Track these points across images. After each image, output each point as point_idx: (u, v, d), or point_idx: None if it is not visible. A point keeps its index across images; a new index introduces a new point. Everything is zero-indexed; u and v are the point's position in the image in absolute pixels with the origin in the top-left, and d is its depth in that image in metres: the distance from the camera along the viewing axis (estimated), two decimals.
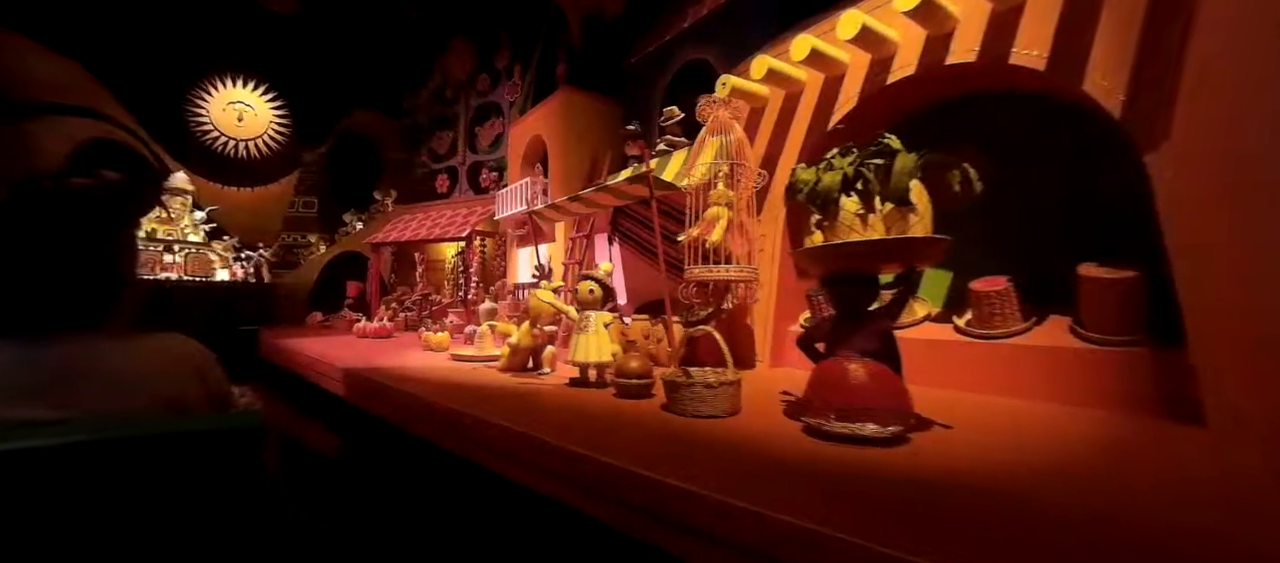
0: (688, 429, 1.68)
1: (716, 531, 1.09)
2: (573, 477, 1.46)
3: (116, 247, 0.94)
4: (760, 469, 1.30)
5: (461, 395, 2.24)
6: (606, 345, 2.36)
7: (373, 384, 2.66)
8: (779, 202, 3.09)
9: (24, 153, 7.69)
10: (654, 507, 1.23)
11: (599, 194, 3.41)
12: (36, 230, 0.82)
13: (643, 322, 3.38)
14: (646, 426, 1.74)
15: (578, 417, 1.87)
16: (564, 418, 1.84)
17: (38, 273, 0.83)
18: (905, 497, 1.10)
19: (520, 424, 1.70)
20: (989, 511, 1.03)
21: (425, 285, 6.56)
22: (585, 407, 2.04)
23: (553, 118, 5.17)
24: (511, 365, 2.85)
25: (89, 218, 0.87)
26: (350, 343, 4.51)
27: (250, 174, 10.84)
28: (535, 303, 2.66)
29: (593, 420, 1.83)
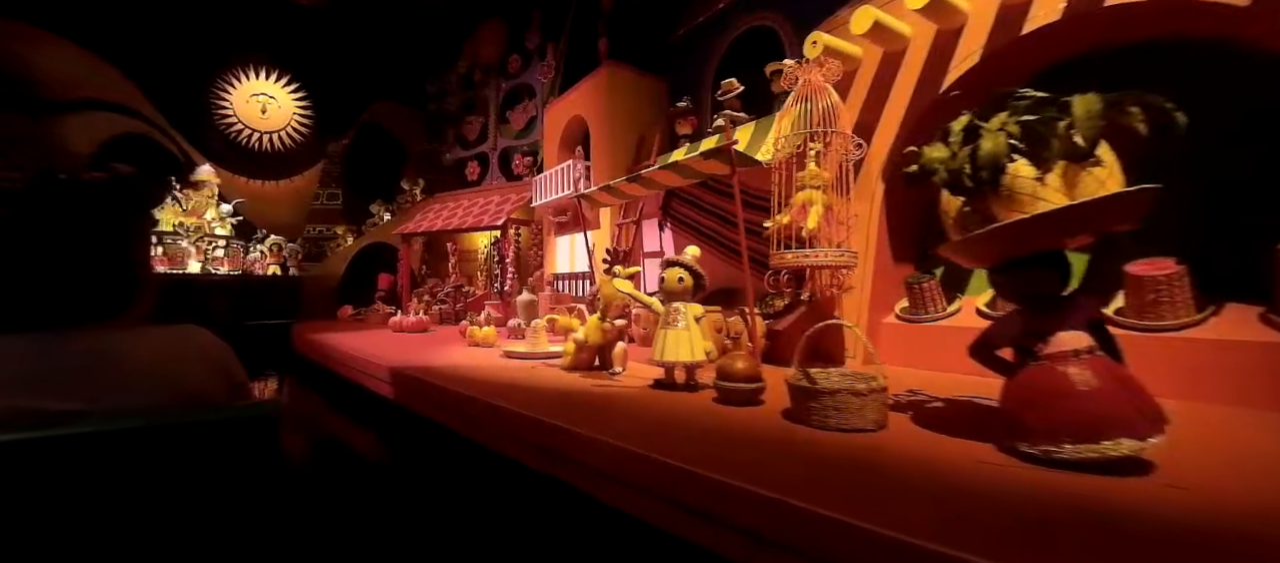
0: (835, 449, 1.34)
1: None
2: (711, 512, 1.14)
3: (133, 239, 0.94)
4: (988, 515, 0.96)
5: (533, 400, 1.93)
6: (700, 343, 2.03)
7: (426, 386, 2.37)
8: (875, 178, 2.72)
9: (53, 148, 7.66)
10: None
11: (661, 173, 3.07)
12: (54, 223, 0.83)
13: (713, 314, 3.05)
14: (782, 444, 1.41)
15: (688, 429, 1.55)
16: (674, 431, 1.51)
17: (57, 265, 0.83)
18: None
19: (628, 440, 1.39)
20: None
21: (458, 277, 6.30)
22: (688, 416, 1.72)
23: (595, 96, 4.83)
24: (577, 364, 2.54)
25: (104, 211, 0.88)
26: (387, 338, 4.25)
27: (274, 167, 10.72)
28: (608, 293, 2.34)
29: (706, 434, 1.51)
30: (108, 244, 0.89)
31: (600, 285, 2.38)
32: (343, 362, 3.34)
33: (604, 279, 2.35)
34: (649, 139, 4.70)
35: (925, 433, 1.49)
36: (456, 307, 5.73)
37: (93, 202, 0.87)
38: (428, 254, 7.09)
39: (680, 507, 1.19)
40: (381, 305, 5.89)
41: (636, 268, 2.27)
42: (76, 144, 7.49)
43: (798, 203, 2.53)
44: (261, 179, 10.58)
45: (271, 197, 10.48)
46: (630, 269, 2.30)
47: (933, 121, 2.61)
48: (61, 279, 0.84)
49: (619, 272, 2.28)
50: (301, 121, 10.94)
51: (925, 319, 2.71)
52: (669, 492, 1.20)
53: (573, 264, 5.20)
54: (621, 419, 1.67)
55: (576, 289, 5.05)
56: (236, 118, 10.52)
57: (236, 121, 10.52)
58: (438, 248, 7.08)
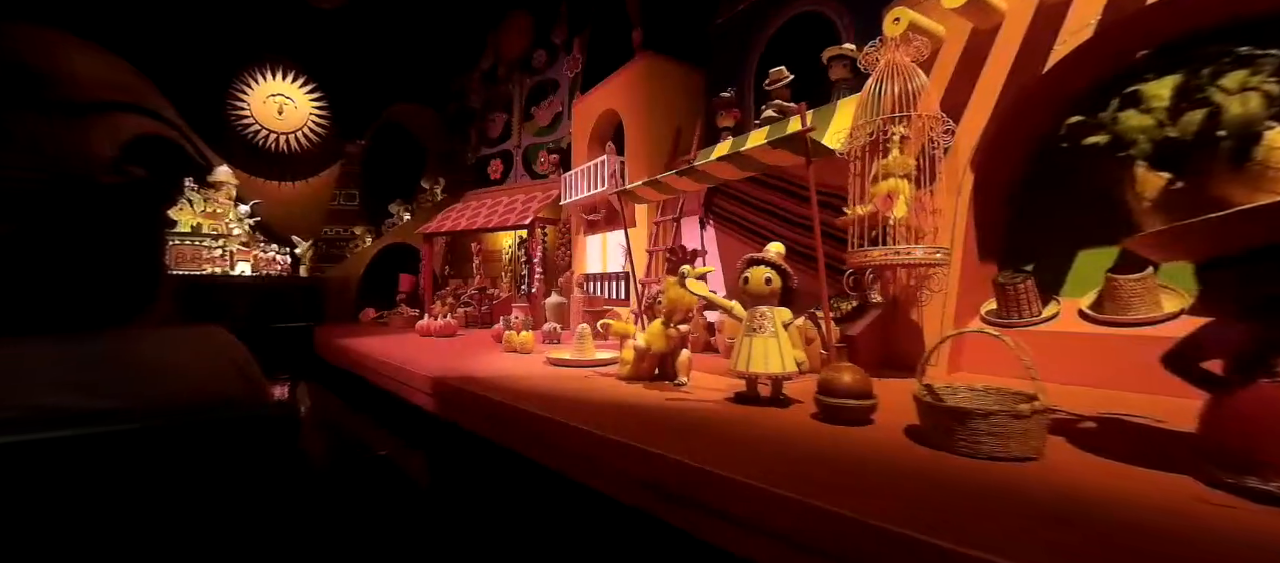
0: (1011, 484, 1.10)
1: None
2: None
3: (150, 240, 0.93)
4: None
5: (604, 417, 1.70)
6: (790, 352, 1.79)
7: (474, 398, 2.15)
8: (962, 167, 2.46)
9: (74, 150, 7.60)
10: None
11: (717, 166, 2.83)
12: (75, 226, 0.83)
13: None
14: (939, 476, 1.17)
15: (825, 462, 1.31)
16: (811, 466, 1.28)
17: (80, 268, 0.83)
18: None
19: (773, 481, 1.15)
20: None
21: (483, 278, 6.11)
22: (804, 440, 1.48)
23: (629, 89, 4.61)
24: (638, 373, 2.31)
25: (122, 213, 0.88)
26: (416, 342, 4.05)
27: (291, 168, 10.66)
28: (675, 295, 2.10)
29: (829, 463, 1.27)
30: (127, 246, 0.90)
31: (666, 287, 2.15)
32: (376, 369, 3.14)
33: (671, 281, 2.12)
34: (687, 133, 4.47)
35: (1097, 461, 1.25)
36: (482, 308, 5.53)
37: (111, 205, 0.87)
38: (450, 255, 6.91)
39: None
40: (405, 308, 5.71)
41: (709, 268, 2.04)
42: (97, 146, 7.39)
43: (881, 193, 2.29)
44: (278, 181, 10.52)
45: (288, 198, 10.39)
46: (702, 269, 2.06)
47: (1038, 101, 2.37)
48: (84, 282, 0.84)
49: (688, 272, 2.05)
50: (319, 122, 10.87)
51: (1017, 323, 2.45)
52: (842, 548, 0.96)
53: (604, 264, 4.98)
54: (733, 448, 1.43)
55: (609, 291, 4.82)
56: (253, 119, 10.46)
57: (253, 123, 10.45)
58: (461, 249, 6.89)
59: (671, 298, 2.13)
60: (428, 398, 2.47)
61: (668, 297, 2.15)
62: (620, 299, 4.64)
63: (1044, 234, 2.64)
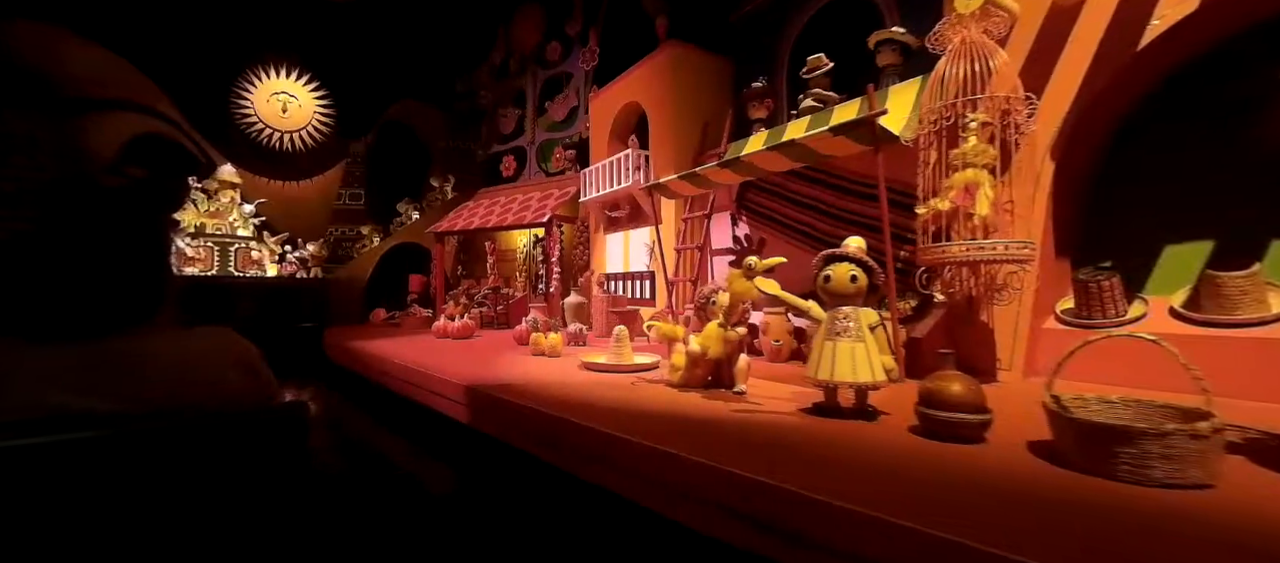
0: (1182, 516, 0.91)
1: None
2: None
3: (156, 242, 0.95)
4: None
5: (663, 431, 1.51)
6: (877, 359, 1.60)
7: (514, 410, 1.96)
8: (1041, 156, 2.26)
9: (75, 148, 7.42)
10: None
11: (765, 156, 2.64)
12: (78, 227, 0.83)
13: (777, 317, 2.62)
14: (1090, 505, 0.97)
15: (922, 478, 1.12)
16: (912, 483, 1.08)
17: (84, 270, 0.83)
18: None
19: (871, 503, 0.96)
20: None
21: (496, 278, 5.92)
22: (902, 456, 1.29)
23: (655, 79, 4.41)
24: (691, 380, 2.12)
25: (127, 215, 0.88)
26: (434, 345, 3.86)
27: (295, 167, 10.46)
28: (740, 290, 1.89)
29: (956, 489, 1.08)
30: (133, 249, 0.89)
31: (729, 283, 1.94)
32: (400, 376, 2.94)
33: (734, 275, 1.92)
34: (716, 125, 4.27)
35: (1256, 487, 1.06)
36: (497, 309, 5.34)
37: (115, 207, 0.86)
38: (463, 254, 6.71)
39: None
40: (417, 308, 5.52)
41: (778, 259, 1.83)
42: (98, 144, 7.23)
43: (958, 184, 2.09)
44: (282, 180, 10.33)
45: (293, 197, 10.20)
46: (770, 260, 1.85)
47: (1126, 82, 2.17)
48: (92, 285, 0.83)
49: (756, 264, 1.85)
50: (323, 120, 10.66)
51: (1101, 324, 2.25)
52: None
53: (626, 263, 4.79)
54: (832, 470, 1.24)
55: (632, 291, 4.63)
56: (257, 117, 10.26)
57: (257, 121, 10.25)
58: (473, 248, 6.70)
59: (737, 292, 1.92)
60: (459, 408, 2.28)
61: (732, 290, 1.94)
62: (645, 299, 4.45)
63: (1122, 228, 2.44)
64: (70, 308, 0.82)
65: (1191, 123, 2.19)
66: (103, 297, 0.85)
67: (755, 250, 2.27)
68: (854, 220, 3.17)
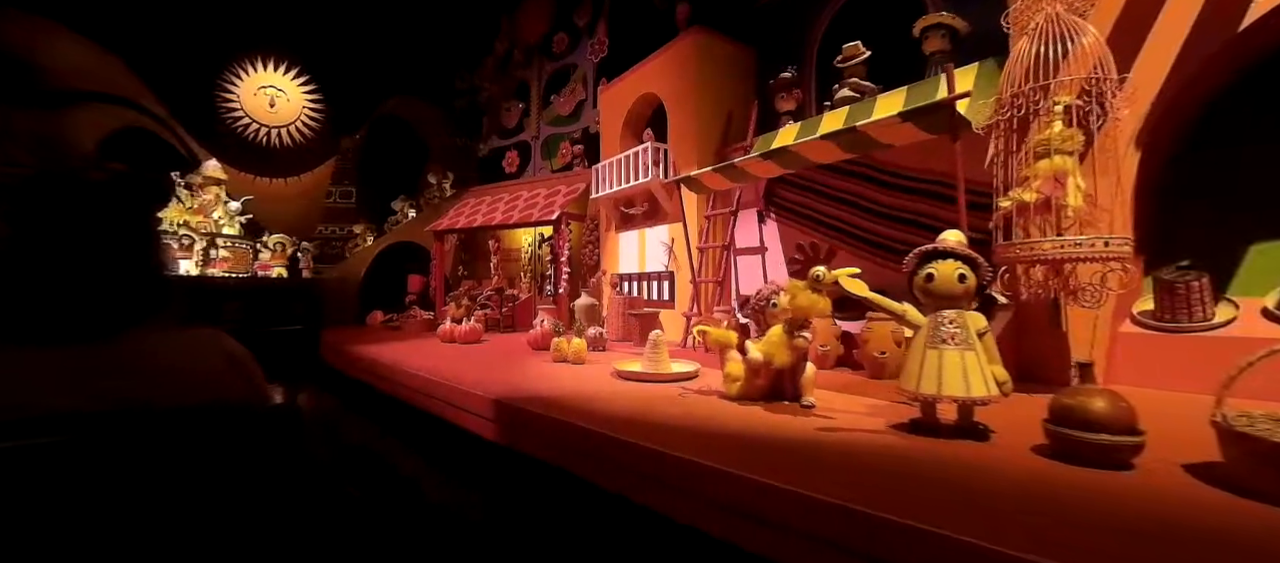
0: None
1: None
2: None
3: (141, 239, 0.92)
4: None
5: (740, 453, 1.29)
6: (989, 370, 1.39)
7: (559, 428, 1.72)
8: (1124, 146, 2.08)
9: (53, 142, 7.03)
10: None
11: (815, 146, 2.43)
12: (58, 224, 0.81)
13: (881, 325, 2.41)
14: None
15: (1096, 521, 0.91)
16: (1089, 530, 0.88)
17: (68, 269, 0.81)
18: None
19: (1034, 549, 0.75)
20: None
21: (500, 278, 5.66)
22: (1044, 485, 1.08)
23: (674, 70, 4.19)
24: (751, 391, 1.90)
25: (110, 211, 0.86)
26: (438, 350, 3.60)
27: (283, 163, 10.10)
28: (805, 305, 1.68)
29: (1159, 533, 0.87)
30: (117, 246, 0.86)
31: (792, 296, 1.72)
32: (415, 386, 2.68)
33: (796, 287, 1.70)
34: (741, 117, 4.06)
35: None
36: (502, 311, 5.08)
37: (98, 202, 0.84)
38: (464, 253, 6.44)
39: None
40: (418, 311, 5.24)
41: (853, 269, 1.61)
42: (78, 138, 6.86)
43: (1043, 173, 1.89)
44: (270, 176, 9.96)
45: (281, 195, 9.84)
46: (841, 271, 1.63)
47: (1220, 66, 1.99)
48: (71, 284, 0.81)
49: (823, 277, 1.62)
50: (312, 116, 10.31)
51: (1185, 328, 2.07)
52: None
53: (642, 262, 4.56)
54: (970, 506, 1.03)
55: (648, 292, 4.40)
56: (243, 112, 9.88)
57: (243, 116, 9.87)
58: (475, 246, 6.43)
59: (800, 306, 1.71)
60: (486, 424, 2.03)
61: (795, 305, 1.73)
62: (663, 301, 4.23)
63: (1199, 224, 2.27)
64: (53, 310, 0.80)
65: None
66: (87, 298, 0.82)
67: (821, 260, 2.05)
68: (900, 217, 2.98)
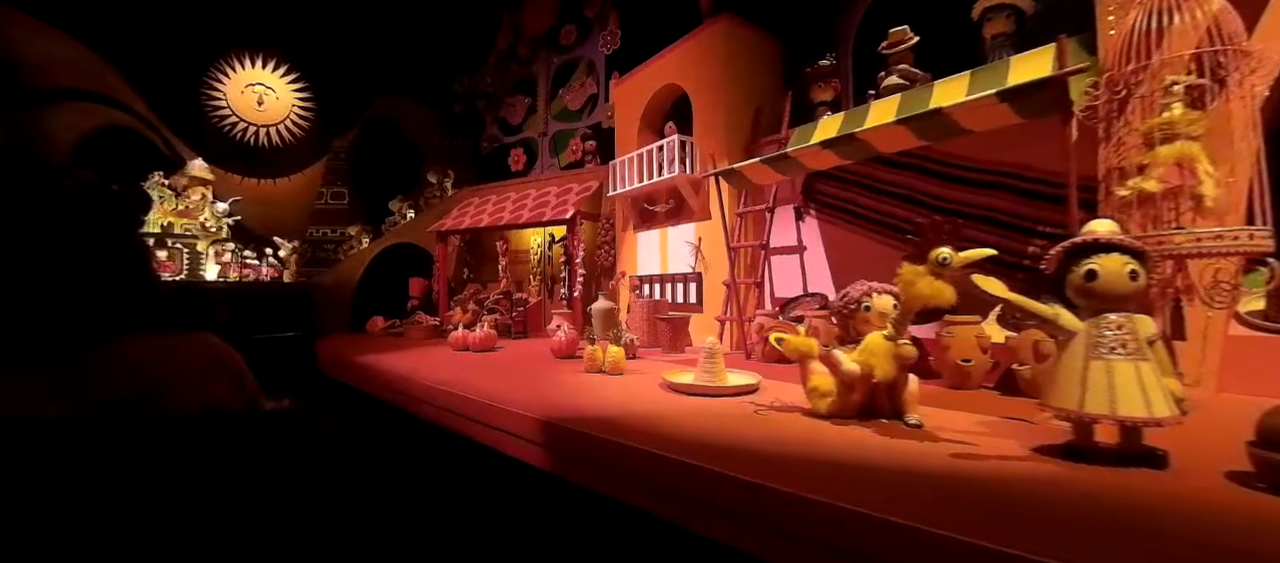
0: None
1: None
2: None
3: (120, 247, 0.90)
4: None
5: (872, 488, 1.05)
6: (1164, 385, 1.16)
7: (627, 456, 1.46)
8: (1238, 126, 1.87)
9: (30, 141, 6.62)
10: None
11: (884, 133, 2.19)
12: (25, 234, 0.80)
13: (965, 330, 2.18)
14: None
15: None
16: None
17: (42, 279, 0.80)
18: None
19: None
20: None
21: (509, 281, 5.37)
22: None
23: (701, 58, 3.95)
24: (845, 408, 1.65)
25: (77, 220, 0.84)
26: (452, 359, 3.32)
27: (272, 164, 9.75)
28: (928, 293, 1.44)
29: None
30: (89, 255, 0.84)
31: (907, 284, 1.47)
32: (436, 403, 2.39)
33: (913, 272, 1.46)
34: (771, 110, 3.83)
35: None
36: (512, 316, 4.80)
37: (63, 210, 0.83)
38: (469, 255, 6.14)
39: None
40: (422, 316, 4.94)
41: (984, 250, 1.37)
42: (55, 137, 6.49)
43: (1165, 160, 1.68)
44: (258, 177, 9.60)
45: (270, 196, 9.49)
46: (971, 253, 1.39)
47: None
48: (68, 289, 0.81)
49: (950, 259, 1.38)
50: (302, 114, 9.96)
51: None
52: None
53: (664, 263, 4.31)
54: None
55: (673, 294, 4.15)
56: (230, 110, 9.52)
57: (230, 114, 9.51)
58: (481, 248, 6.13)
59: (918, 294, 1.46)
60: (531, 448, 1.76)
61: (913, 292, 1.48)
62: (690, 304, 3.98)
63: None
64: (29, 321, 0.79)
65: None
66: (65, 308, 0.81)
67: (943, 239, 1.81)
68: (960, 212, 2.77)
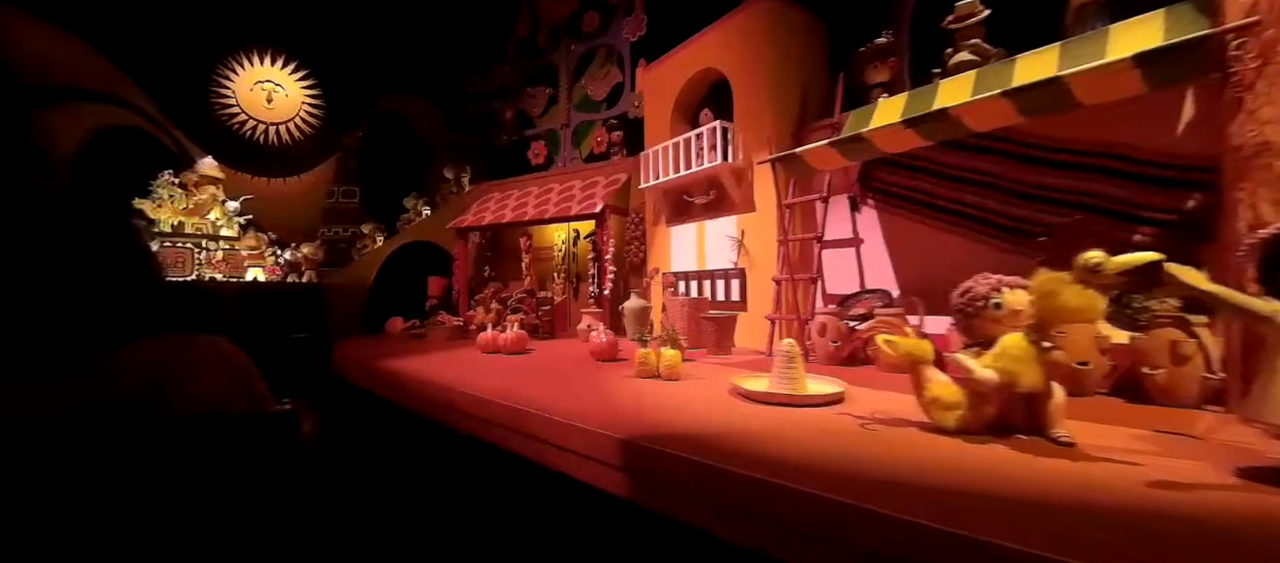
0: None
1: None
2: None
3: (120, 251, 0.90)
4: None
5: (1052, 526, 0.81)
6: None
7: (759, 492, 1.23)
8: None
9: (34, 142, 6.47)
10: None
11: (987, 107, 1.94)
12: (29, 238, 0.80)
13: (1082, 328, 1.92)
14: None
15: None
16: None
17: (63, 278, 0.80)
18: None
19: None
20: None
21: (532, 279, 5.15)
22: None
23: (743, 40, 3.70)
24: (975, 422, 1.41)
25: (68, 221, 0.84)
26: (483, 362, 3.10)
27: (282, 162, 9.60)
28: (1075, 305, 1.20)
29: None
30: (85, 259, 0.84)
31: (1048, 294, 1.22)
32: (483, 415, 2.17)
33: (1053, 280, 1.20)
34: (815, 92, 3.59)
35: None
36: (539, 314, 4.57)
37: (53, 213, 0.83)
38: (489, 253, 5.93)
39: None
40: (446, 316, 4.73)
41: (1150, 255, 1.13)
42: (60, 138, 6.33)
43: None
44: (268, 176, 9.46)
45: (280, 195, 9.33)
46: (1132, 257, 1.14)
47: None
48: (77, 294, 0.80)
49: (1104, 265, 1.13)
50: (311, 112, 9.80)
51: None
52: None
53: (701, 259, 4.07)
54: None
55: (713, 292, 3.91)
56: (240, 108, 9.36)
57: (240, 112, 9.35)
58: (503, 245, 5.92)
59: (1065, 306, 1.22)
60: (609, 473, 1.53)
61: (1059, 304, 1.24)
62: (732, 302, 3.74)
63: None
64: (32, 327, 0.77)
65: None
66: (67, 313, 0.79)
67: (1087, 243, 1.55)
68: (1047, 197, 2.52)
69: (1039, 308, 1.30)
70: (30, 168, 5.52)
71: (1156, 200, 2.19)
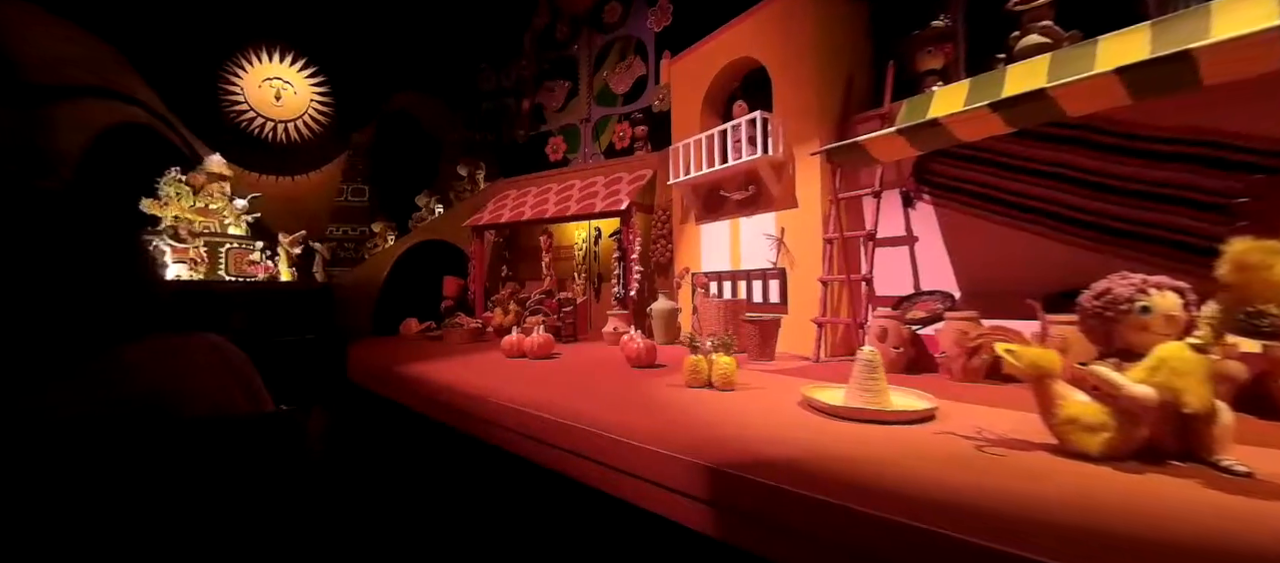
0: None
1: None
2: None
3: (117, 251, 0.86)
4: None
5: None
6: None
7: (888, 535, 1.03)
8: None
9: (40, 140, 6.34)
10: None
11: (1099, 85, 1.73)
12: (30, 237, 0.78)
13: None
14: None
15: None
16: None
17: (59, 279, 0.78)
18: None
19: None
20: None
21: (552, 280, 4.96)
22: None
23: (781, 26, 3.49)
24: (1122, 446, 1.20)
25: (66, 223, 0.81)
26: (512, 368, 2.91)
27: (290, 160, 9.48)
28: (1276, 274, 0.99)
29: None
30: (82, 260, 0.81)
31: (1243, 277, 1.02)
32: (530, 432, 1.97)
33: (1267, 251, 1.00)
34: (860, 80, 3.38)
35: None
36: (561, 315, 4.38)
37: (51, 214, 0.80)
38: (506, 251, 5.74)
39: None
40: (464, 318, 4.54)
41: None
42: (66, 136, 6.19)
43: None
44: (277, 174, 9.34)
45: (288, 193, 9.21)
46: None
47: None
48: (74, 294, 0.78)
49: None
50: (320, 109, 9.67)
51: None
52: None
53: (736, 259, 3.87)
54: None
55: (749, 293, 3.71)
56: (248, 105, 9.24)
57: (248, 109, 9.23)
58: (520, 243, 5.73)
59: (1266, 288, 1.01)
60: (691, 508, 1.33)
61: (1273, 274, 1.03)
62: (771, 304, 3.53)
63: None
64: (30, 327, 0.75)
65: None
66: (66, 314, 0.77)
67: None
68: (1127, 189, 2.30)
69: (1239, 286, 1.08)
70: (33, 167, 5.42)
71: (1225, 184, 1.98)
